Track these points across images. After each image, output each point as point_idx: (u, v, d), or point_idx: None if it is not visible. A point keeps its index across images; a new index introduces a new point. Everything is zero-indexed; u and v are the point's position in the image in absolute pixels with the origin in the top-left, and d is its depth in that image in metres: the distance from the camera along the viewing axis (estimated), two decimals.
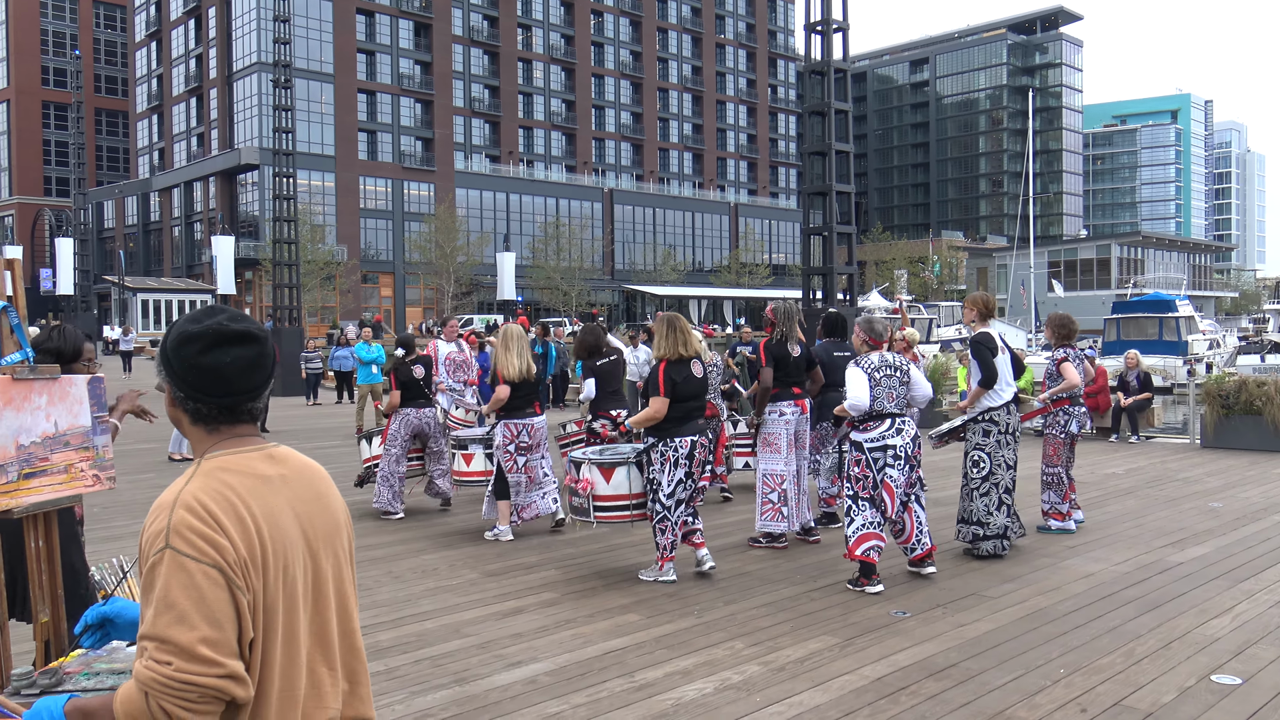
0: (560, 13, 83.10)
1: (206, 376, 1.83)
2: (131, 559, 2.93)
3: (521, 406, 8.06)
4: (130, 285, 60.96)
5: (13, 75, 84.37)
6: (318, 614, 1.87)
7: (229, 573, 1.68)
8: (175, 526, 1.68)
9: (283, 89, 27.35)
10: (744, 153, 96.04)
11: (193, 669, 1.61)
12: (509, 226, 74.82)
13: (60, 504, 2.67)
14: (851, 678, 4.81)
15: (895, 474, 6.60)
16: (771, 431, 7.62)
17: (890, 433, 6.60)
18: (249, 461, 1.83)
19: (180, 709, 1.61)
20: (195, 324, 1.87)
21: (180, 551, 1.66)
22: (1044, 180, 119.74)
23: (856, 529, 6.53)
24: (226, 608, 1.67)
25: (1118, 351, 25.14)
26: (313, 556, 1.87)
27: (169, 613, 1.63)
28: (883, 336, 6.86)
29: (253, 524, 1.74)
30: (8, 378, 2.52)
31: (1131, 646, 5.27)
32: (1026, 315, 46.77)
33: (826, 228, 16.88)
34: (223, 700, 1.66)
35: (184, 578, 1.64)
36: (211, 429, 1.87)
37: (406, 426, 9.08)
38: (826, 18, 16.81)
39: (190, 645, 1.62)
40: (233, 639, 1.68)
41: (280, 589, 1.77)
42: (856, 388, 6.58)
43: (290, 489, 1.86)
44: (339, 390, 22.76)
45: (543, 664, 5.03)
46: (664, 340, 6.72)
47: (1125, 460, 12.82)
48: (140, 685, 1.63)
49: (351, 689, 1.92)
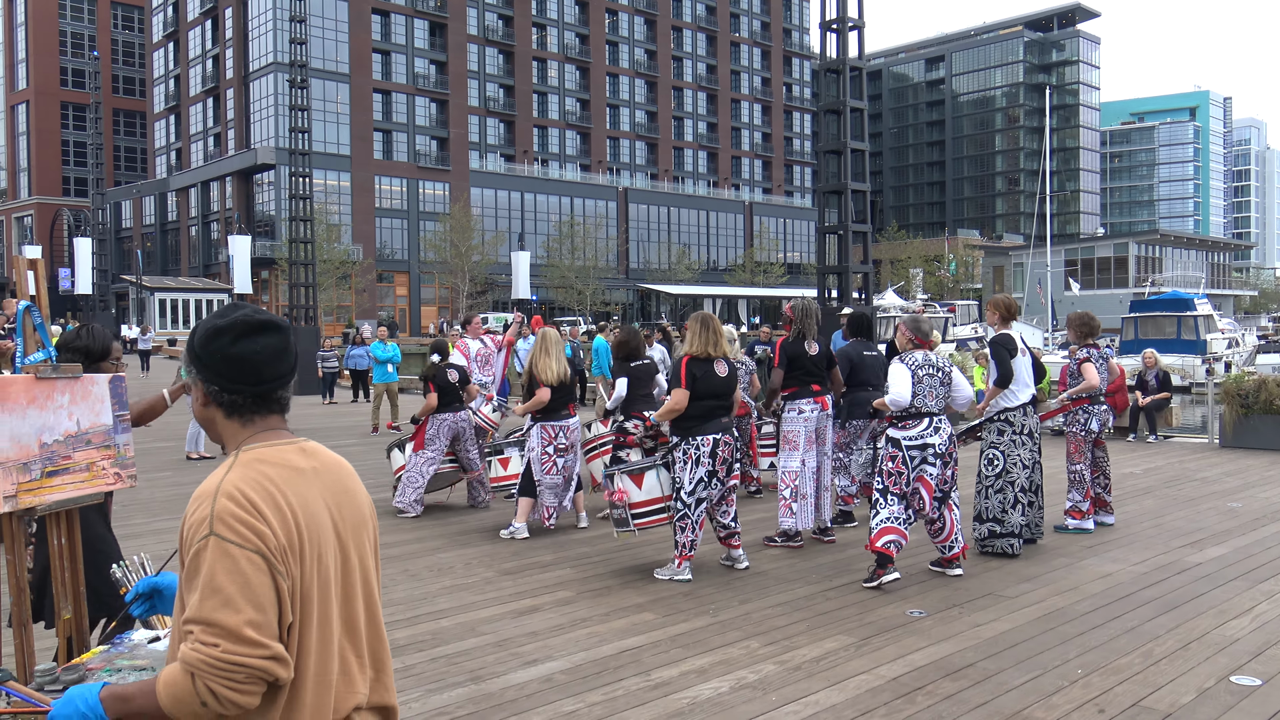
0: (575, 12, 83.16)
1: (239, 365, 1.90)
2: (151, 556, 2.95)
3: (558, 409, 8.15)
4: (148, 285, 61.36)
5: (32, 76, 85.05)
6: (347, 603, 1.92)
7: (271, 558, 1.74)
8: (219, 514, 1.73)
9: (299, 89, 27.47)
10: (759, 151, 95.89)
11: (240, 650, 1.67)
12: (524, 225, 74.96)
13: (82, 502, 2.70)
14: (868, 677, 4.80)
15: (934, 472, 6.66)
16: (791, 429, 7.64)
17: (929, 432, 6.65)
18: (283, 454, 1.89)
19: (227, 689, 1.67)
20: (222, 319, 1.94)
21: (224, 538, 1.72)
22: (1061, 178, 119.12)
23: (881, 521, 6.55)
24: (269, 592, 1.73)
25: (1135, 350, 25.00)
26: (342, 547, 1.93)
27: (215, 597, 1.69)
28: (928, 336, 6.92)
29: (290, 513, 1.80)
30: (31, 376, 2.54)
31: (1150, 647, 5.24)
32: (1043, 314, 46.54)
33: (842, 226, 16.84)
34: (266, 681, 1.72)
35: (229, 563, 1.70)
36: (246, 421, 1.94)
37: (446, 431, 9.10)
38: (842, 15, 16.77)
39: (237, 627, 1.68)
40: (275, 622, 1.74)
41: (315, 577, 1.83)
42: (899, 384, 6.62)
43: (321, 481, 1.93)
44: (354, 389, 22.85)
45: (558, 662, 5.04)
46: (696, 337, 6.79)
47: (1143, 460, 12.75)
48: (187, 667, 1.68)
49: (377, 676, 1.98)
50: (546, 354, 8.14)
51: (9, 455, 2.41)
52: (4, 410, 2.41)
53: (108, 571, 3.36)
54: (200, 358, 1.92)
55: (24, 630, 2.54)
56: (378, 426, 16.35)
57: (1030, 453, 7.57)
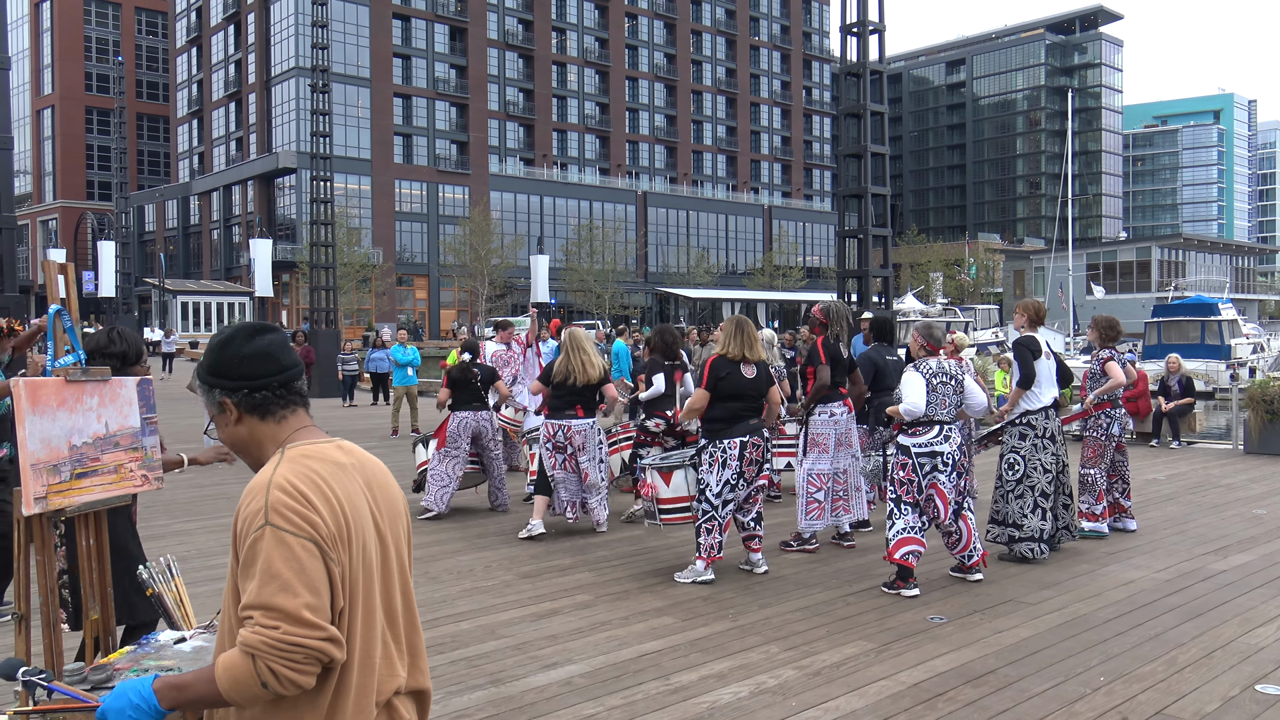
0: (595, 16, 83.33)
1: (258, 359, 2.02)
2: (176, 557, 2.98)
3: (561, 408, 8.15)
4: (170, 288, 61.90)
5: (57, 81, 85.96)
6: (387, 591, 2.01)
7: (323, 545, 1.83)
8: (273, 505, 1.82)
9: (320, 93, 27.64)
10: (778, 155, 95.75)
11: (299, 631, 1.75)
12: (543, 229, 75.13)
13: (110, 503, 2.73)
14: (888, 683, 4.79)
15: (946, 480, 6.60)
16: (820, 432, 7.62)
17: (938, 439, 6.59)
18: (325, 450, 1.99)
19: (287, 669, 1.75)
20: (222, 335, 2.08)
21: (279, 527, 1.80)
22: (1083, 182, 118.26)
23: (897, 532, 6.51)
24: (323, 577, 1.82)
25: (1159, 355, 24.76)
26: (381, 538, 2.01)
27: (273, 582, 1.77)
28: (941, 343, 6.87)
29: (337, 504, 1.89)
30: (61, 379, 2.58)
31: (1173, 655, 5.20)
32: (1065, 318, 46.22)
33: (862, 230, 16.81)
34: (323, 661, 1.80)
35: (285, 550, 1.79)
36: (280, 419, 2.04)
37: (466, 429, 9.14)
38: (863, 19, 16.74)
39: (296, 610, 1.76)
40: (329, 605, 1.82)
41: (360, 565, 1.92)
42: (913, 392, 6.57)
43: (361, 476, 2.02)
44: (375, 392, 22.95)
45: (578, 666, 5.04)
46: (730, 339, 6.80)
47: (1167, 466, 12.64)
48: (247, 649, 1.75)
49: (413, 661, 2.06)
50: (583, 351, 8.14)
51: (39, 457, 2.45)
52: (35, 413, 2.44)
53: (130, 575, 3.40)
54: (219, 371, 2.03)
55: (53, 630, 2.57)
56: (398, 429, 16.41)
57: (1054, 456, 7.53)
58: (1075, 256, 57.76)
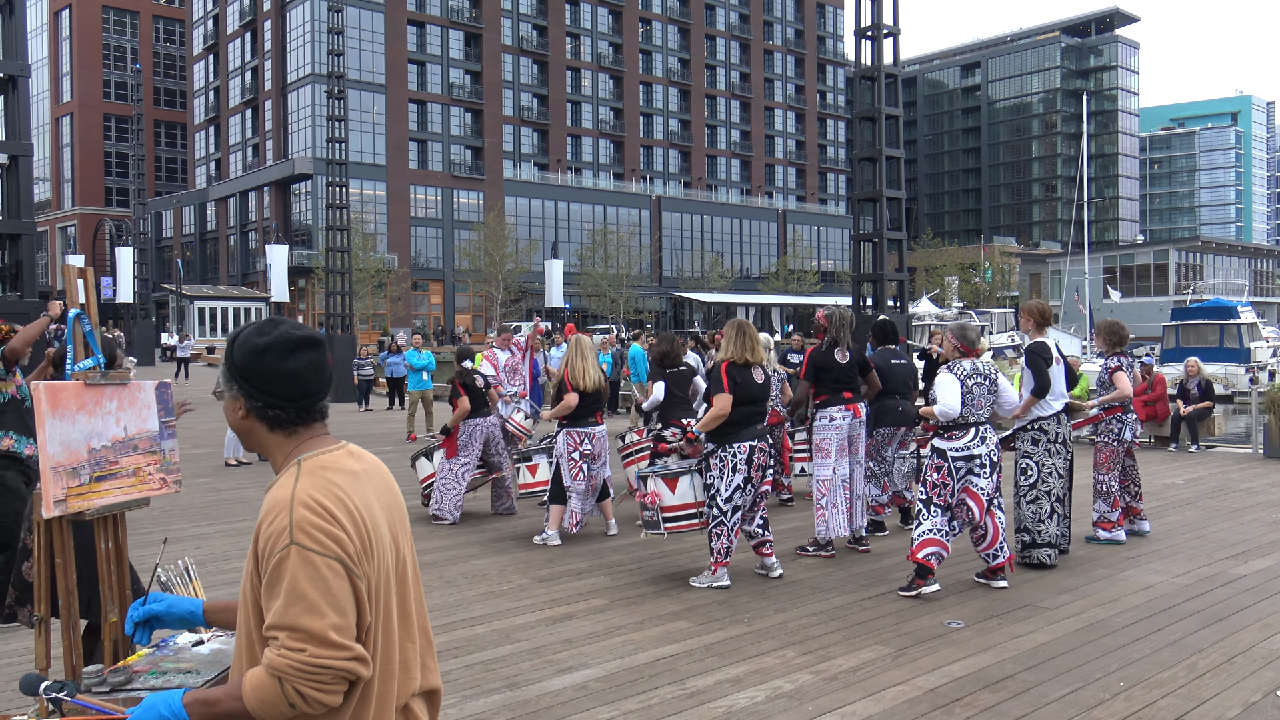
0: (609, 21, 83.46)
1: (284, 383, 1.96)
2: (195, 560, 2.99)
3: (585, 415, 8.15)
4: (187, 293, 62.23)
5: (76, 89, 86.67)
6: (401, 596, 2.00)
7: (349, 563, 1.82)
8: (298, 524, 1.80)
9: (336, 99, 27.78)
10: (792, 159, 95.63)
11: (325, 654, 1.74)
12: (557, 234, 75.22)
13: (129, 506, 2.74)
14: (905, 688, 4.76)
15: (982, 483, 6.62)
16: (823, 437, 7.61)
17: (975, 442, 6.60)
18: (339, 459, 1.96)
19: (315, 690, 1.75)
20: (264, 336, 1.97)
21: (305, 547, 1.78)
22: (1099, 185, 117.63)
23: (923, 532, 6.50)
24: (349, 596, 1.81)
25: (1177, 359, 24.62)
26: (394, 542, 2.01)
27: (299, 603, 1.75)
28: (975, 344, 6.85)
29: (359, 516, 1.88)
30: (80, 383, 2.59)
31: (1194, 660, 5.15)
32: (1081, 322, 45.95)
33: (877, 234, 16.76)
34: (350, 680, 1.79)
35: (310, 570, 1.77)
36: (290, 433, 2.00)
37: (479, 436, 9.15)
38: (877, 23, 16.71)
39: (322, 632, 1.75)
40: (354, 624, 1.81)
41: (381, 575, 1.91)
42: (948, 394, 6.56)
43: (372, 482, 2.00)
44: (390, 397, 23.05)
45: (593, 670, 5.04)
46: (732, 344, 6.79)
47: (1185, 470, 12.55)
48: (273, 671, 1.75)
49: (423, 662, 2.06)
50: (583, 359, 8.15)
51: (59, 460, 2.46)
52: (55, 416, 2.46)
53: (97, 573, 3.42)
54: (244, 375, 1.97)
55: (72, 632, 2.58)
56: (414, 434, 16.48)
57: (1065, 461, 7.49)
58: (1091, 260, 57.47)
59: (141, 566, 6.52)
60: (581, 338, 8.42)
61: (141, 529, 8.61)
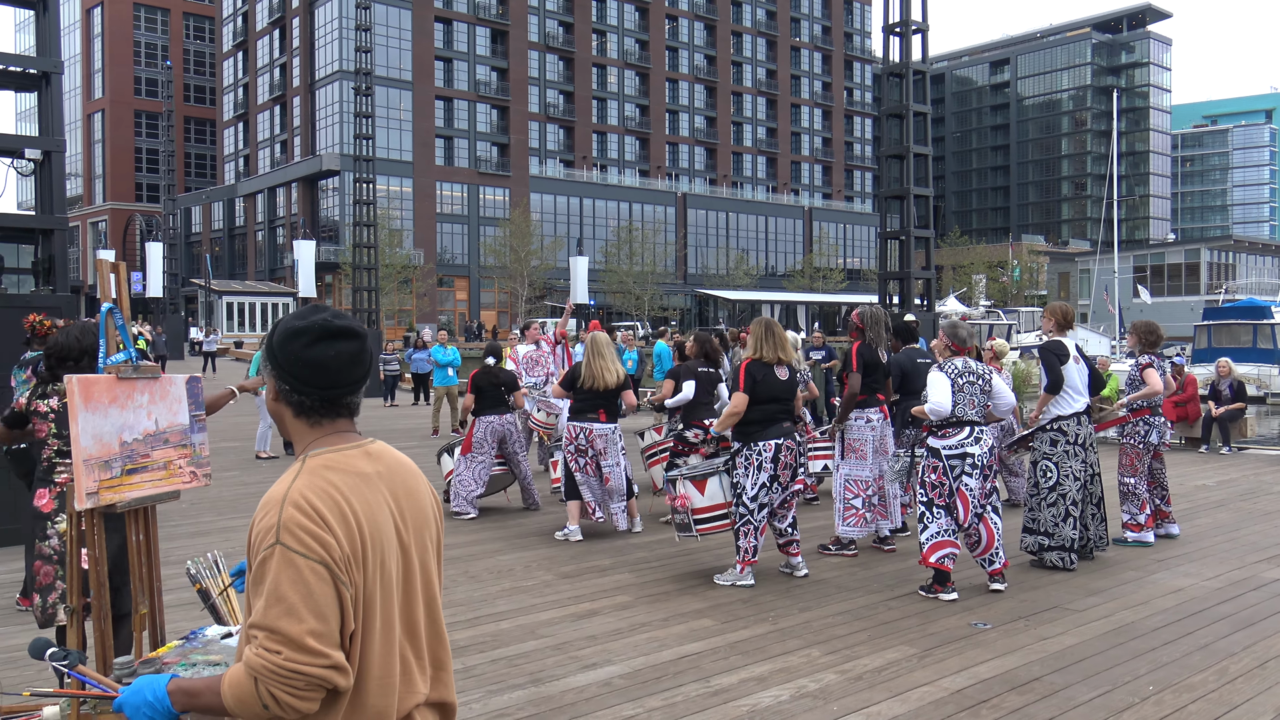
0: (635, 18, 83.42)
1: (311, 369, 1.92)
2: (223, 553, 3.02)
3: (583, 410, 8.15)
4: (216, 288, 62.85)
5: (108, 86, 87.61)
6: (408, 604, 1.94)
7: (334, 569, 1.77)
8: (285, 523, 1.76)
9: (363, 96, 27.92)
10: (819, 156, 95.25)
11: (300, 659, 1.71)
12: (582, 230, 75.36)
13: (160, 499, 2.76)
14: (930, 689, 4.73)
15: (972, 483, 6.53)
16: (857, 438, 7.58)
17: (969, 441, 6.54)
18: (349, 459, 1.91)
19: (287, 695, 1.71)
20: (301, 320, 1.96)
21: (290, 548, 1.74)
22: (1130, 183, 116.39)
23: (930, 536, 6.47)
24: (331, 602, 1.76)
25: (1209, 359, 24.31)
26: (404, 549, 1.95)
27: (279, 605, 1.72)
28: (966, 342, 6.81)
29: (354, 521, 1.82)
30: (113, 376, 2.62)
31: (1225, 665, 5.09)
32: (1110, 322, 45.48)
33: (904, 231, 16.66)
34: (326, 688, 1.75)
35: (293, 573, 1.73)
36: (314, 423, 1.96)
37: (492, 434, 9.20)
38: (905, 19, 16.60)
39: (299, 637, 1.71)
40: (336, 631, 1.76)
41: (378, 582, 1.86)
42: (939, 392, 6.53)
43: (386, 485, 1.94)
44: (416, 392, 23.19)
45: (617, 667, 5.04)
46: (760, 342, 6.77)
47: (1216, 472, 12.39)
48: (250, 671, 1.72)
49: (436, 674, 2.00)
50: (600, 356, 8.15)
51: (92, 453, 2.48)
52: (88, 409, 2.48)
53: None
54: (275, 356, 1.95)
55: (104, 623, 2.60)
56: (439, 429, 16.56)
57: (1084, 464, 7.42)
58: (1122, 259, 56.90)
59: (169, 559, 6.58)
60: (597, 335, 8.39)
61: (170, 521, 8.70)
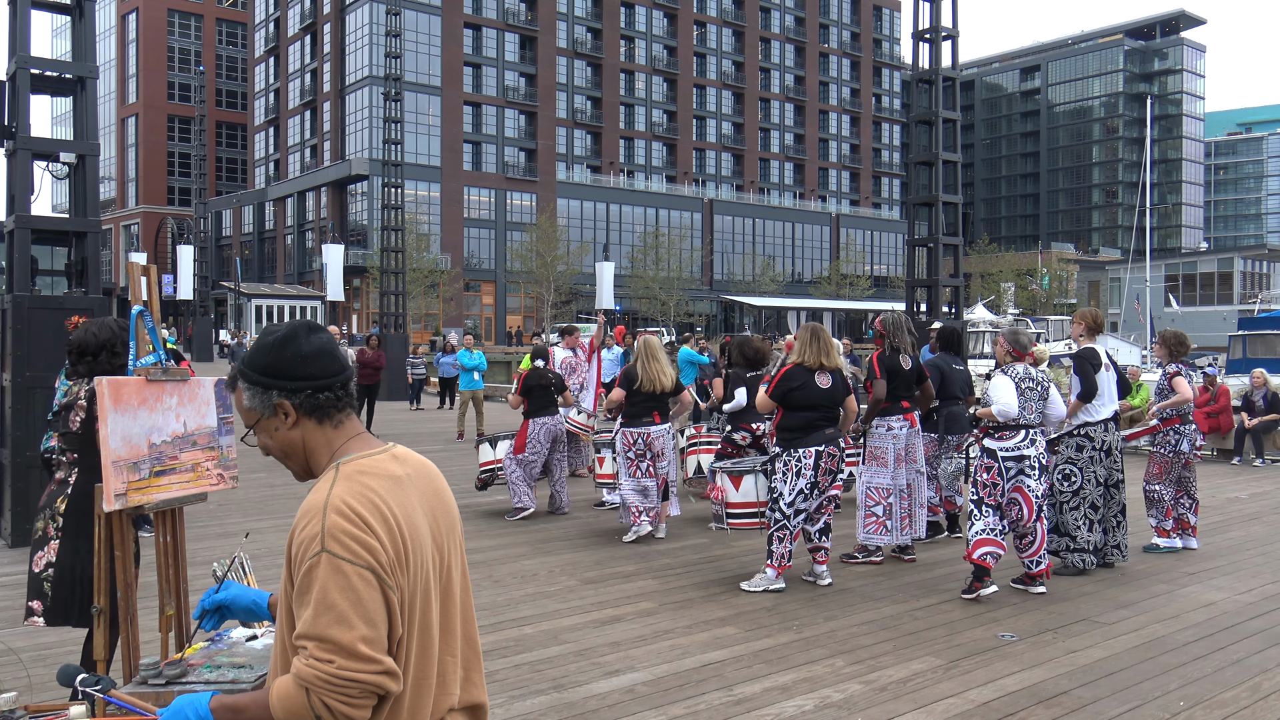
0: (663, 24, 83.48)
1: (321, 358, 1.94)
2: (248, 555, 3.03)
3: (639, 415, 8.20)
4: (245, 291, 63.42)
5: (141, 91, 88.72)
6: (444, 607, 1.95)
7: (381, 573, 1.76)
8: (330, 531, 1.75)
9: (393, 101, 28.12)
10: (846, 163, 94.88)
11: (354, 666, 1.69)
12: (609, 236, 75.42)
13: (187, 501, 2.78)
14: (956, 700, 4.68)
15: (1033, 484, 6.66)
16: (878, 445, 7.55)
17: (1025, 444, 6.67)
18: (380, 463, 1.90)
19: (342, 704, 1.69)
20: (272, 334, 1.98)
21: (336, 555, 1.73)
22: (1162, 191, 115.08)
23: (976, 532, 6.57)
24: (380, 607, 1.75)
25: (1244, 370, 23.97)
26: (439, 551, 1.95)
27: (329, 613, 1.71)
28: (1027, 349, 6.94)
29: (395, 524, 1.82)
30: (143, 379, 2.63)
31: (1258, 681, 5.00)
32: (1141, 331, 44.99)
33: (932, 239, 16.55)
34: (379, 694, 1.74)
35: (341, 580, 1.72)
36: (335, 423, 1.96)
37: (545, 434, 9.32)
38: (935, 25, 16.50)
39: (351, 644, 1.69)
40: (385, 636, 1.76)
41: (418, 585, 1.85)
42: (1005, 395, 6.63)
43: (416, 487, 1.94)
44: (441, 396, 23.28)
45: (640, 674, 5.02)
46: (805, 348, 6.81)
47: (1250, 484, 12.21)
48: (301, 682, 1.70)
49: (467, 675, 2.01)
50: (654, 359, 8.27)
51: (121, 455, 2.50)
52: (117, 411, 2.50)
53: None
54: (279, 371, 1.92)
55: (130, 625, 2.62)
56: (463, 433, 16.61)
57: (1107, 470, 7.46)
58: (1153, 267, 56.26)
59: (195, 560, 6.63)
60: (650, 339, 8.57)
61: (197, 522, 8.78)
